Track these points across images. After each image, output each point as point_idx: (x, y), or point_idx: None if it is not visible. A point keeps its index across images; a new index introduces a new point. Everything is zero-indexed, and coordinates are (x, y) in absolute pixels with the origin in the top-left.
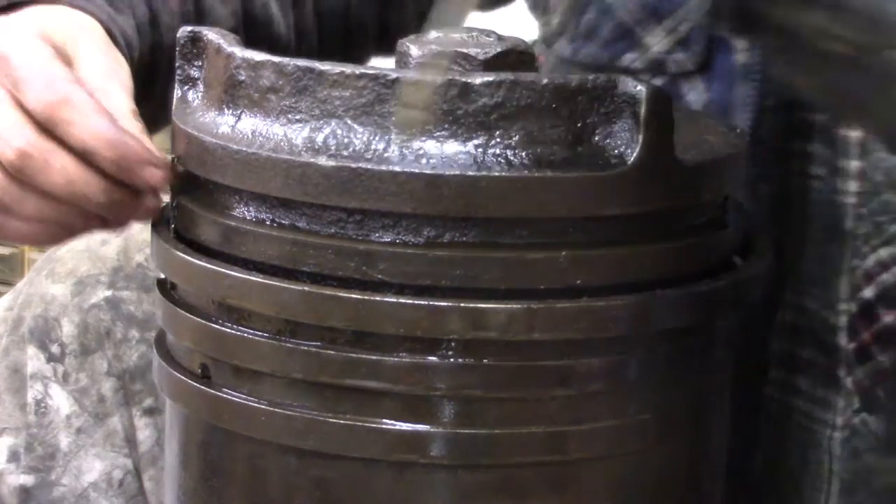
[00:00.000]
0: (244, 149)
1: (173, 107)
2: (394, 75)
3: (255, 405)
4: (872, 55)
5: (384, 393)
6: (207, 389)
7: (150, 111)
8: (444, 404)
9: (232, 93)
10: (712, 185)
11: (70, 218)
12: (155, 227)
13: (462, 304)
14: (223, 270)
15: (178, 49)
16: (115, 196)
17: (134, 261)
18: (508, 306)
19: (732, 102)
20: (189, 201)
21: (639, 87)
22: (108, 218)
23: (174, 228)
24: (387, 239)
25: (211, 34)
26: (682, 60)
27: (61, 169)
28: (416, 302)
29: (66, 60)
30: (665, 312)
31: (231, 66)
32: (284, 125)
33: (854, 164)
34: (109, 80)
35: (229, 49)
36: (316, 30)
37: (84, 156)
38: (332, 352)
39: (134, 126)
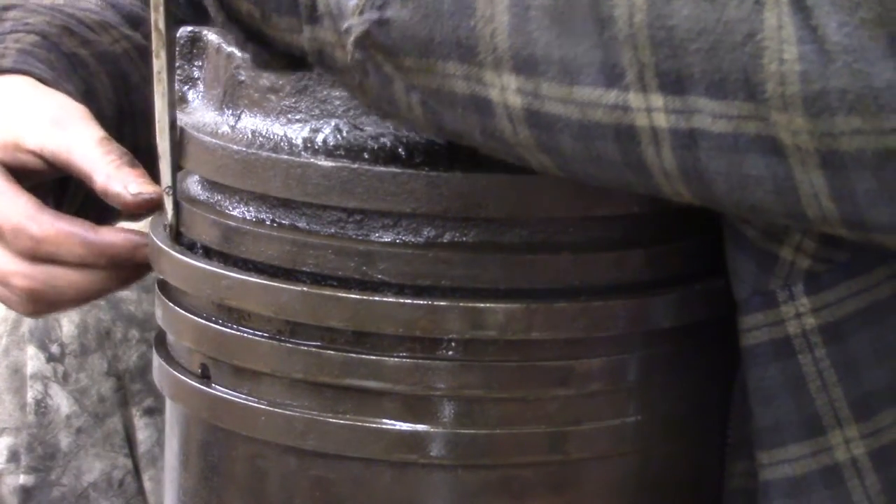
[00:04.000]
0: (244, 149)
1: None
2: None
3: (255, 405)
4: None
5: (384, 393)
6: (207, 389)
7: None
8: (444, 404)
9: (232, 93)
10: None
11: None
12: (152, 229)
13: (460, 304)
14: (221, 272)
15: (177, 49)
16: (123, 275)
17: None
18: (507, 306)
19: None
20: (188, 201)
21: None
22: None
23: (172, 226)
24: (387, 239)
25: (211, 34)
26: None
27: (68, 285)
28: (415, 302)
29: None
30: (664, 312)
31: (231, 66)
32: (284, 125)
33: None
34: (64, 123)
35: (229, 49)
36: None
37: (85, 267)
38: (331, 352)
39: (107, 153)
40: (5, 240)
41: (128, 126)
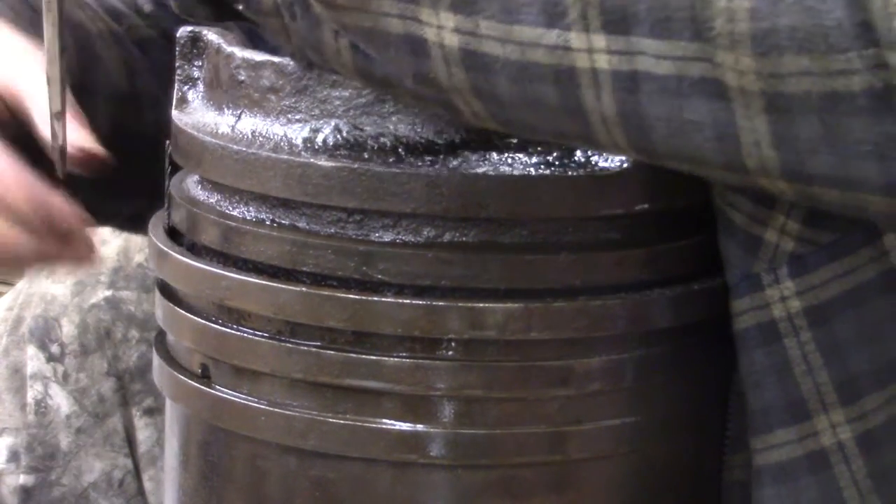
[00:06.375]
0: (244, 149)
1: (173, 106)
2: None
3: (255, 405)
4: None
5: (384, 393)
6: (207, 389)
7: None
8: (444, 404)
9: (232, 93)
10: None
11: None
12: (151, 230)
13: (459, 304)
14: (220, 272)
15: (177, 49)
16: (45, 248)
17: (134, 261)
18: (506, 306)
19: None
20: (188, 201)
21: None
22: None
23: (172, 229)
24: (387, 239)
25: (211, 34)
26: None
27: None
28: (414, 302)
29: None
30: (663, 312)
31: (231, 66)
32: (284, 125)
33: None
34: (20, 61)
35: (229, 49)
36: None
37: (18, 220)
38: (331, 352)
39: (57, 129)
40: None
41: (87, 102)
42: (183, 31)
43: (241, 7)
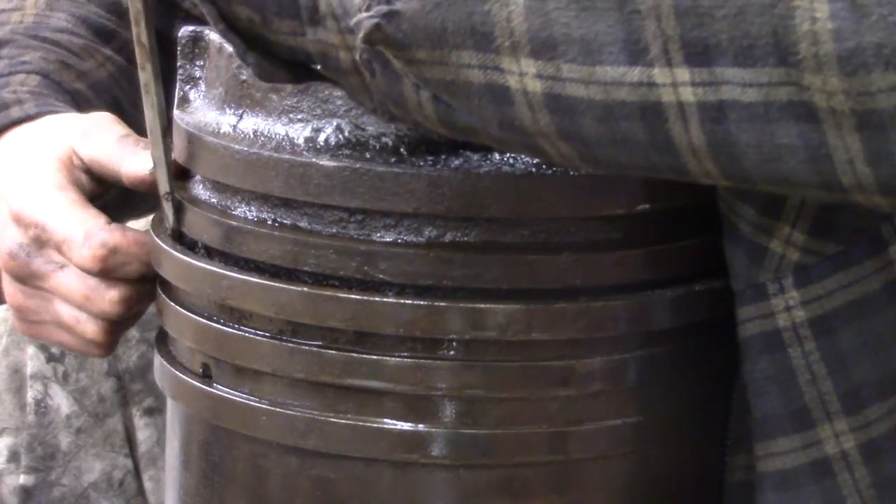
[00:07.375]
0: (246, 148)
1: (175, 106)
2: None
3: (257, 405)
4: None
5: (385, 393)
6: (209, 389)
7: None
8: (445, 404)
9: (234, 92)
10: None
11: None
12: (153, 229)
13: (460, 305)
14: (222, 272)
15: (179, 49)
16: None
17: None
18: (507, 306)
19: None
20: (190, 201)
21: None
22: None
23: (173, 229)
24: (388, 239)
25: (213, 34)
26: None
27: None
28: (415, 302)
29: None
30: (664, 312)
31: (233, 66)
32: (286, 125)
33: None
34: (90, 132)
35: (231, 49)
36: None
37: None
38: (333, 351)
39: (126, 145)
40: (74, 253)
41: None
42: (184, 31)
43: (320, 67)
